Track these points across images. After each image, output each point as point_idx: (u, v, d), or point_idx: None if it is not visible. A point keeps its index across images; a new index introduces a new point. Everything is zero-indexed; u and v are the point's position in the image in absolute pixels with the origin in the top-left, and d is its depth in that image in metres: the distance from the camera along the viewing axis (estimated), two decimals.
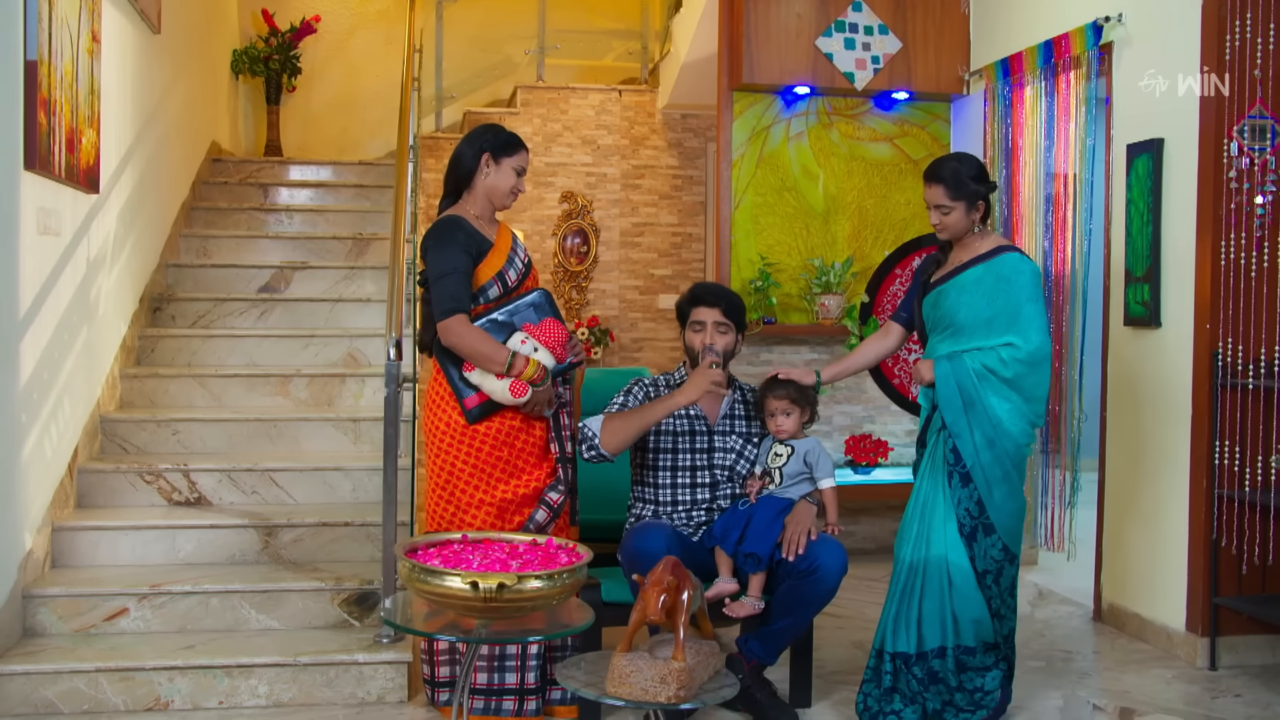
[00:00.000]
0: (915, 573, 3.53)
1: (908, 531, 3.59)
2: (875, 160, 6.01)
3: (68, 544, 4.14)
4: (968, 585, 3.50)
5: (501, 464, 3.44)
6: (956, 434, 3.50)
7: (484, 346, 3.34)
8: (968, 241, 3.64)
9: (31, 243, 3.88)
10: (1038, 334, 3.48)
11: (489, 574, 2.31)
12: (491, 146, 3.53)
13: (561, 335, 3.42)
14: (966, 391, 3.48)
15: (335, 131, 8.14)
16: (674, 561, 2.48)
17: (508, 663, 3.43)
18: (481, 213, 3.56)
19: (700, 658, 2.45)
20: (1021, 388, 3.49)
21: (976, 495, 3.51)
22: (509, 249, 3.55)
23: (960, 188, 3.56)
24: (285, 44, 7.78)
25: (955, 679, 3.51)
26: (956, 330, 3.57)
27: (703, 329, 3.70)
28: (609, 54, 8.15)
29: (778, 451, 3.61)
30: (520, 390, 3.32)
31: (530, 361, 3.34)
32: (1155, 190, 4.38)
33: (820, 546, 3.44)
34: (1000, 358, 3.46)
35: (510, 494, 3.44)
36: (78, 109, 4.21)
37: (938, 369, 3.53)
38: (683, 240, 7.63)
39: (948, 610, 3.50)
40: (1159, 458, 4.42)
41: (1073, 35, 4.84)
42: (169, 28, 5.66)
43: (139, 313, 5.26)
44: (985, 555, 3.53)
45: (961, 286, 3.58)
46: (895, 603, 3.56)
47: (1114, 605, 4.70)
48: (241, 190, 6.72)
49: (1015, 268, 3.54)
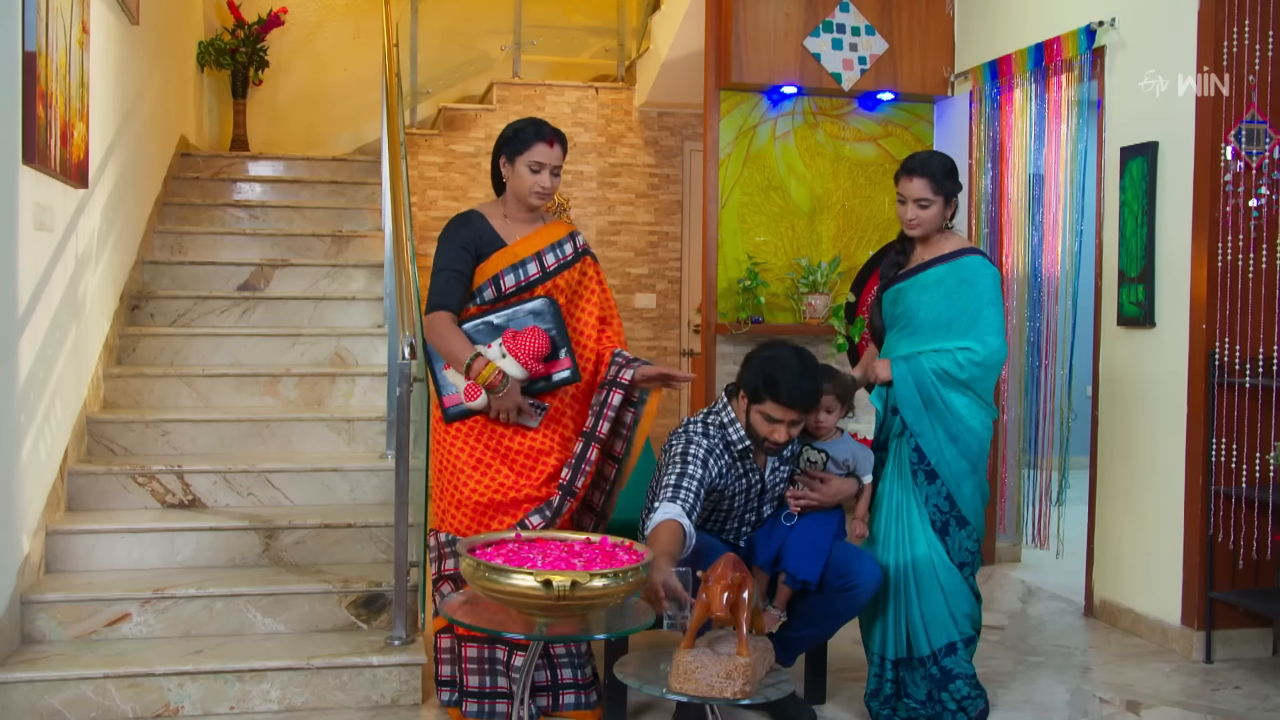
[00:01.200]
0: (904, 575, 3.56)
1: (882, 536, 3.61)
2: (860, 160, 6.05)
3: (62, 548, 4.03)
4: (954, 579, 3.56)
5: (481, 467, 3.39)
6: (918, 433, 3.54)
7: (452, 344, 3.30)
8: (933, 240, 3.68)
9: (29, 239, 3.77)
10: (995, 337, 3.53)
11: (561, 572, 2.29)
12: (507, 148, 3.45)
13: (536, 348, 3.31)
14: (925, 391, 3.52)
15: (302, 126, 8.01)
16: (734, 558, 2.48)
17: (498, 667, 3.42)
18: (512, 212, 3.50)
19: (758, 653, 2.46)
20: (976, 389, 3.55)
21: (945, 490, 3.55)
22: (529, 252, 3.46)
23: (944, 184, 3.61)
24: (252, 36, 7.62)
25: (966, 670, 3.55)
26: (915, 329, 3.62)
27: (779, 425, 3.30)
28: (585, 51, 8.12)
29: (811, 459, 3.56)
30: (473, 393, 3.29)
31: (489, 365, 3.26)
32: (1150, 192, 4.45)
33: (859, 563, 3.44)
34: (957, 361, 3.50)
35: (485, 499, 3.37)
36: (70, 101, 4.10)
37: (895, 369, 3.58)
38: (659, 239, 7.63)
39: (945, 607, 3.54)
40: (1153, 455, 4.51)
41: (1065, 39, 4.91)
42: (145, 19, 5.53)
43: (119, 310, 5.14)
44: (960, 548, 3.59)
45: (923, 286, 3.63)
46: (889, 608, 3.58)
47: (1106, 601, 4.78)
48: (214, 186, 6.59)
49: (977, 271, 3.58)
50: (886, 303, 3.72)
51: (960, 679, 3.54)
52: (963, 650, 3.57)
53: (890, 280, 3.74)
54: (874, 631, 3.64)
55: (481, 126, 7.37)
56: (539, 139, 3.42)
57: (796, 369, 3.26)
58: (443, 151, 7.30)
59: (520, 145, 3.42)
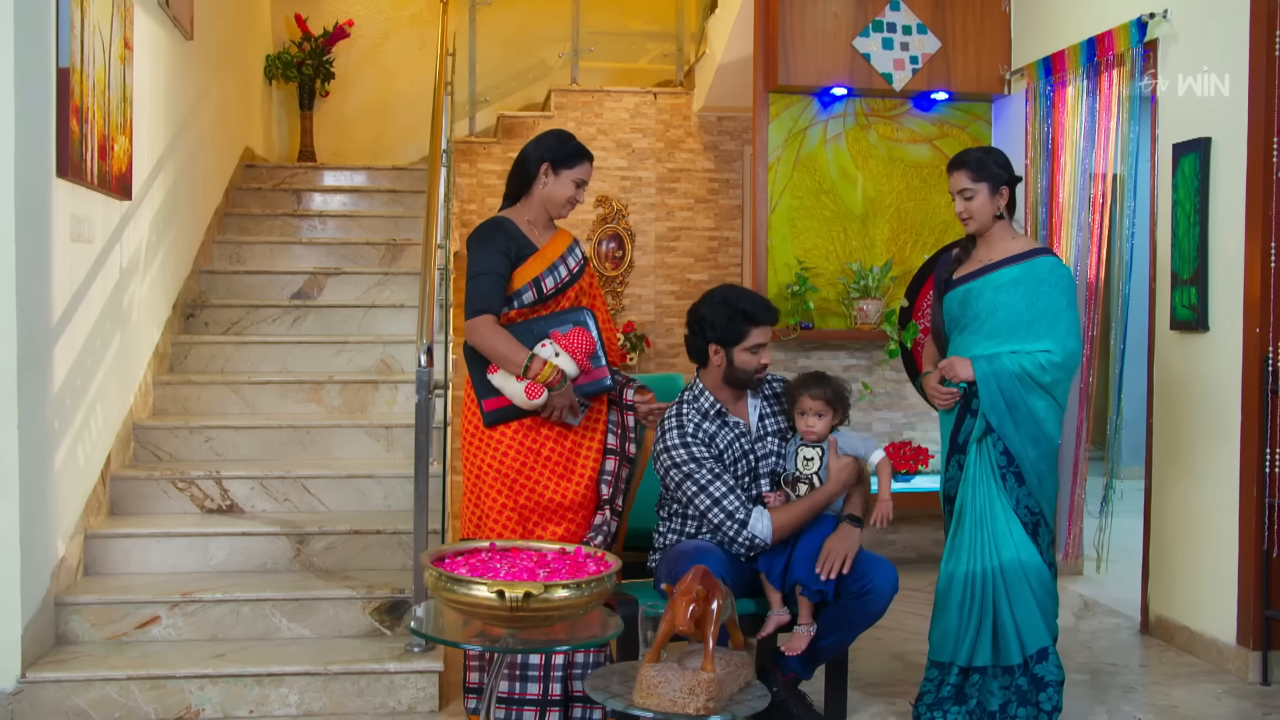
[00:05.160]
0: (985, 582, 3.45)
1: (968, 542, 3.50)
2: (914, 162, 5.91)
3: (101, 551, 4.13)
4: (1046, 580, 3.47)
5: (525, 470, 3.40)
6: (1004, 434, 3.47)
7: (504, 347, 3.31)
8: (997, 239, 3.60)
9: (64, 249, 3.87)
10: (1074, 339, 3.48)
11: (515, 583, 2.27)
12: (553, 157, 3.50)
13: (587, 344, 3.37)
14: (1009, 393, 3.46)
15: (369, 137, 8.13)
16: (703, 570, 2.42)
17: (530, 672, 3.38)
18: (535, 218, 3.54)
19: (731, 668, 2.39)
20: (1055, 392, 3.50)
21: (1030, 493, 3.49)
22: (556, 256, 3.50)
23: (983, 169, 3.54)
24: (318, 49, 7.77)
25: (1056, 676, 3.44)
26: (993, 330, 3.53)
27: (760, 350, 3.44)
28: (644, 56, 8.09)
29: (807, 456, 3.41)
30: (535, 392, 3.28)
31: (547, 364, 3.29)
32: (1202, 191, 4.26)
33: (873, 567, 3.34)
34: (1039, 363, 3.44)
35: (530, 502, 3.39)
36: (110, 116, 4.21)
37: (977, 369, 3.49)
38: (720, 244, 7.56)
39: (1038, 610, 3.44)
40: (1206, 465, 4.31)
41: (1116, 32, 4.73)
42: (202, 34, 5.66)
43: (172, 319, 5.26)
44: (1048, 548, 3.52)
45: (997, 286, 3.54)
46: (972, 617, 3.46)
47: (1161, 617, 4.58)
48: (275, 196, 6.72)
49: (1054, 270, 3.54)
50: (953, 303, 3.65)
51: (1052, 686, 3.41)
52: (1054, 655, 3.46)
53: (951, 281, 3.67)
54: (945, 639, 3.53)
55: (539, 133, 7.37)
56: (585, 157, 3.53)
57: (746, 292, 3.49)
58: (502, 159, 7.34)
59: (570, 159, 3.51)
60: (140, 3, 4.65)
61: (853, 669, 4.17)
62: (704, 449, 3.38)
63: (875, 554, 3.41)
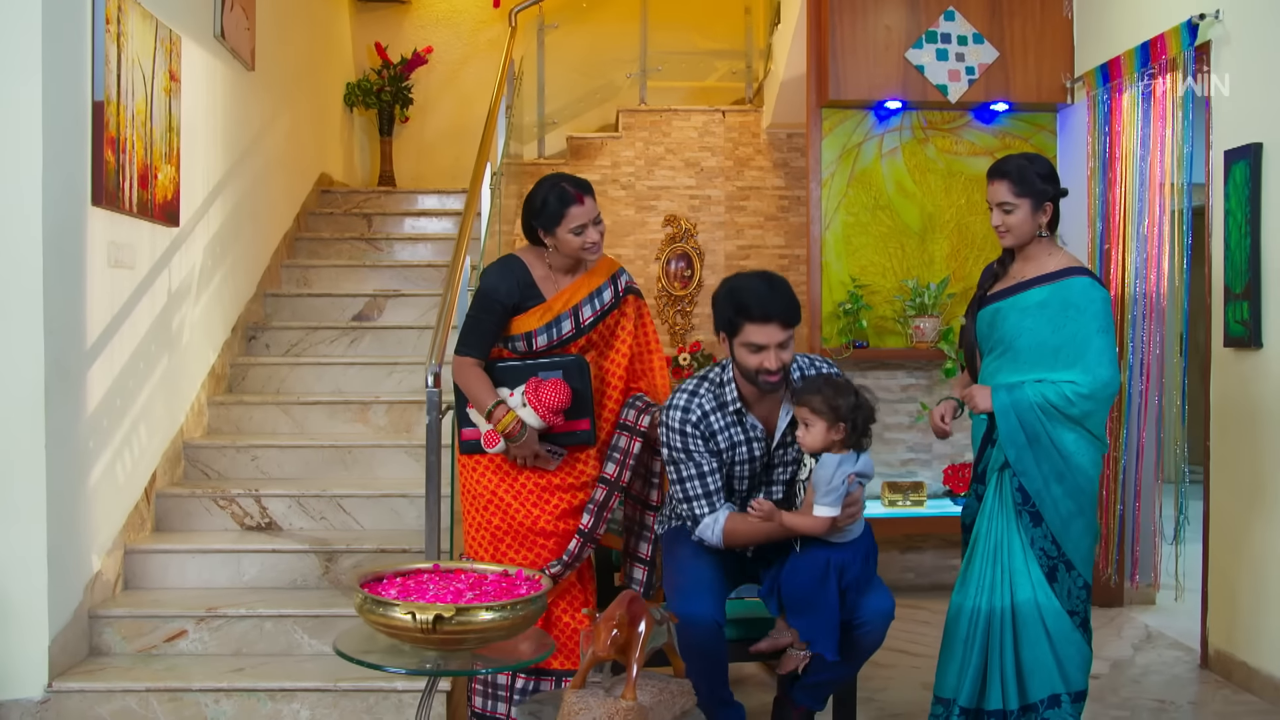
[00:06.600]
0: (1000, 620, 3.27)
1: (977, 576, 3.33)
2: (975, 175, 5.74)
3: (140, 566, 4.27)
4: (1064, 626, 3.26)
5: (500, 493, 3.42)
6: (1021, 471, 3.25)
7: (475, 390, 3.35)
8: (1033, 254, 3.39)
9: (101, 275, 4.02)
10: (1106, 368, 3.22)
11: (428, 605, 2.26)
12: (540, 222, 3.35)
13: (556, 402, 3.28)
14: (1030, 426, 3.22)
15: (448, 160, 8.27)
16: (631, 595, 2.37)
17: (499, 692, 3.37)
18: (556, 262, 3.42)
19: (663, 696, 2.33)
20: (1088, 424, 3.24)
21: (1050, 534, 3.27)
22: (565, 308, 3.40)
23: (1026, 183, 3.31)
24: (397, 75, 7.95)
25: None
26: (1016, 356, 3.33)
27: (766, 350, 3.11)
28: (712, 74, 8.06)
29: (805, 462, 3.19)
30: (491, 441, 3.31)
31: (509, 414, 3.28)
32: (1253, 199, 4.03)
33: (869, 597, 3.19)
34: (1065, 395, 3.20)
35: (505, 525, 3.40)
36: (152, 146, 4.37)
37: (996, 400, 3.28)
38: (790, 262, 7.45)
39: (1051, 656, 3.25)
40: (1263, 490, 4.05)
41: (1168, 35, 4.52)
42: (266, 65, 5.84)
43: (230, 341, 5.42)
44: (1070, 595, 3.29)
45: (1023, 309, 3.33)
46: (974, 654, 3.29)
47: (1220, 651, 4.32)
48: (346, 220, 6.89)
49: (1085, 294, 3.27)
50: (983, 322, 3.45)
51: None
52: (1068, 705, 3.27)
53: (984, 299, 3.49)
54: (947, 674, 3.38)
55: (608, 155, 7.41)
56: (568, 204, 3.30)
57: (760, 284, 3.09)
58: None
59: (552, 219, 3.32)
60: (193, 36, 4.83)
61: (880, 699, 4.06)
62: (699, 442, 3.21)
63: (875, 578, 3.28)
